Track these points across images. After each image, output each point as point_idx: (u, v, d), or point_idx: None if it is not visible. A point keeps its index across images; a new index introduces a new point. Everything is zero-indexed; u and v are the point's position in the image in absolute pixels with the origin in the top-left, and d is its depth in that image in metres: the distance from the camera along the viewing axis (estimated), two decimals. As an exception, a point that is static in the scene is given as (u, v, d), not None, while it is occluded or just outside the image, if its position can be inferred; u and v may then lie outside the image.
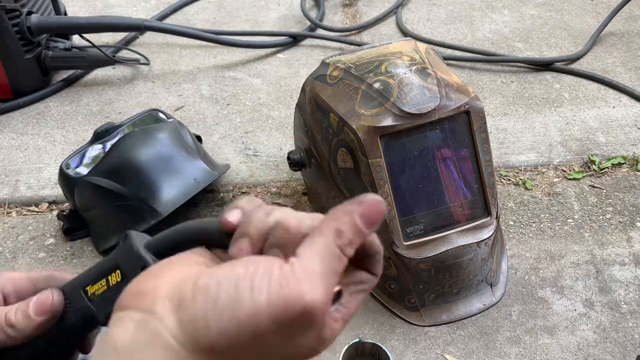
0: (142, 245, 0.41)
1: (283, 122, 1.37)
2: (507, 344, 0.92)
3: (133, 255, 0.41)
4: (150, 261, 0.40)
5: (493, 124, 1.33)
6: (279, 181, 1.22)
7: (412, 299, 0.95)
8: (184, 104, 1.44)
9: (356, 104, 0.89)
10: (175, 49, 1.64)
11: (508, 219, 1.12)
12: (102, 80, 1.53)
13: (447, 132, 0.90)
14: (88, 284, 0.43)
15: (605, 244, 1.07)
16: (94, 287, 0.43)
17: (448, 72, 0.94)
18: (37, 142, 1.34)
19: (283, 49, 1.63)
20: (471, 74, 1.51)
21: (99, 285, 0.43)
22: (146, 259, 0.40)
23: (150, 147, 1.05)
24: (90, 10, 1.83)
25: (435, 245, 0.90)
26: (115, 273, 0.42)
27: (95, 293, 0.43)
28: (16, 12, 1.36)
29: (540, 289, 1.00)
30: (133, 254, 0.41)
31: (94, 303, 0.43)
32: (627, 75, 1.47)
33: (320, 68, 0.99)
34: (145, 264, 0.40)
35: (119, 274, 0.42)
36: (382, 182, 0.88)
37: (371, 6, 1.80)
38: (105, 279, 0.42)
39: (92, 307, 0.43)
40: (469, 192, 0.92)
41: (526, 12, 1.75)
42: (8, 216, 1.17)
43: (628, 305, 0.97)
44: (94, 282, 0.43)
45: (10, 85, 1.43)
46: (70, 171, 1.07)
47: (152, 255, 0.41)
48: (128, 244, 0.42)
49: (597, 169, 1.22)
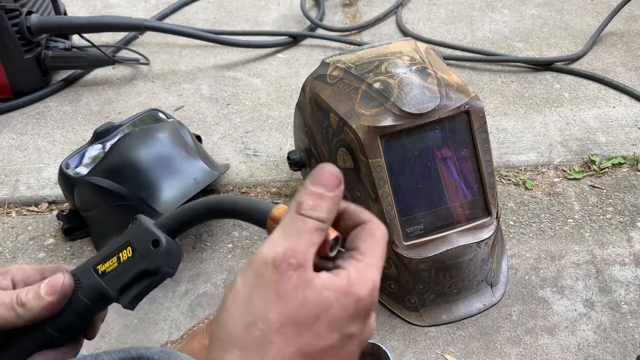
0: (152, 224, 0.44)
1: (283, 122, 1.37)
2: (507, 344, 0.92)
3: (143, 232, 0.44)
4: (160, 235, 0.43)
5: (493, 124, 1.33)
6: (279, 181, 1.22)
7: (412, 299, 0.95)
8: (184, 104, 1.44)
9: (356, 104, 0.89)
10: (175, 49, 1.64)
11: (508, 219, 1.12)
12: (102, 80, 1.53)
13: (447, 132, 0.89)
14: (99, 263, 0.45)
15: (605, 244, 1.07)
16: (105, 265, 0.44)
17: (448, 72, 0.94)
18: (37, 142, 1.34)
19: (283, 49, 1.62)
20: (471, 74, 1.51)
21: (109, 263, 0.44)
22: (156, 233, 0.43)
23: (150, 147, 1.05)
24: (90, 10, 1.83)
25: (435, 245, 0.90)
26: (126, 250, 0.44)
27: (106, 271, 0.44)
28: (16, 12, 1.36)
29: (541, 289, 1.00)
30: (143, 230, 0.44)
31: (105, 280, 0.44)
32: (627, 75, 1.47)
33: (320, 68, 0.99)
34: (156, 237, 0.43)
35: (130, 250, 0.44)
36: (382, 182, 0.87)
37: (371, 6, 1.80)
38: (116, 256, 0.44)
39: (102, 283, 0.44)
40: (469, 192, 0.92)
41: (526, 12, 1.75)
42: (8, 216, 1.17)
43: (628, 305, 0.97)
44: (105, 261, 0.45)
45: (10, 85, 1.43)
46: (70, 171, 1.07)
47: (161, 231, 0.43)
48: (138, 223, 0.44)
49: (597, 169, 1.21)
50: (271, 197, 1.18)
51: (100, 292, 0.44)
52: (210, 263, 1.06)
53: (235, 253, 1.07)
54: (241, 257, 1.06)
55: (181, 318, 0.97)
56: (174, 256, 0.44)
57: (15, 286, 0.46)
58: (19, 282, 0.47)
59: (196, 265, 1.06)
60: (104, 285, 0.44)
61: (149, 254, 0.43)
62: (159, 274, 0.44)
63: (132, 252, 0.44)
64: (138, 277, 0.44)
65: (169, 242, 0.44)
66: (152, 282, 0.44)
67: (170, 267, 0.44)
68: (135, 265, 0.44)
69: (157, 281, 0.44)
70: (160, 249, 0.43)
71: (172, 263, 0.44)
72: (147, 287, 0.44)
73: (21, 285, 0.47)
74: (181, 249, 0.46)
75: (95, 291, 0.44)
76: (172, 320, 0.97)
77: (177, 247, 0.45)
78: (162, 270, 0.43)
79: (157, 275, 0.44)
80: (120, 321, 0.96)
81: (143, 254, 0.43)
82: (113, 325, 0.96)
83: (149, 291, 0.45)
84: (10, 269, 0.47)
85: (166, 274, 0.44)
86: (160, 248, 0.43)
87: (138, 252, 0.44)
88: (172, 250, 0.44)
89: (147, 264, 0.43)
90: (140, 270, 0.44)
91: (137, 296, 0.44)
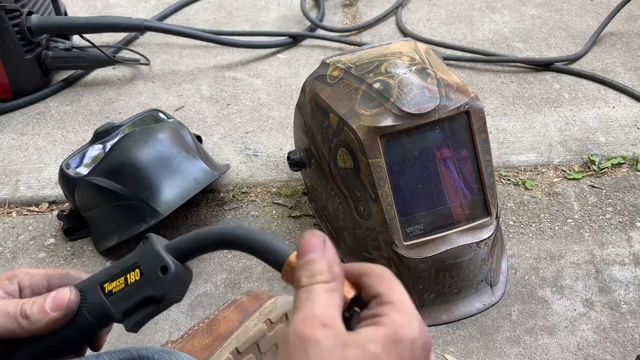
0: (162, 247, 0.43)
1: (283, 122, 1.37)
2: (507, 344, 0.92)
3: (152, 255, 0.42)
4: (169, 261, 0.42)
5: (493, 124, 1.33)
6: (279, 181, 1.22)
7: (412, 299, 0.95)
8: (184, 104, 1.44)
9: (356, 104, 0.89)
10: (176, 49, 1.64)
11: (508, 219, 1.12)
12: (102, 81, 1.53)
13: (447, 132, 0.90)
14: (106, 282, 0.44)
15: (605, 244, 1.07)
16: (112, 285, 0.44)
17: (448, 72, 0.94)
18: (37, 142, 1.34)
19: (283, 49, 1.63)
20: (471, 74, 1.51)
21: (116, 283, 0.44)
22: (166, 259, 0.42)
23: (150, 147, 1.05)
24: (90, 10, 1.83)
25: (435, 245, 0.90)
26: (134, 272, 0.43)
27: (113, 290, 0.44)
28: (16, 12, 1.36)
29: (540, 289, 1.00)
30: (153, 254, 0.43)
31: (111, 300, 0.44)
32: (627, 75, 1.47)
33: (320, 68, 0.99)
34: (165, 264, 0.42)
35: (138, 273, 0.43)
36: (382, 182, 0.88)
37: (371, 6, 1.80)
38: (123, 277, 0.43)
39: (108, 303, 0.44)
40: (468, 192, 0.92)
41: (526, 12, 1.75)
42: (8, 216, 1.17)
43: (628, 305, 0.97)
44: (112, 280, 0.44)
45: (11, 85, 1.43)
46: (71, 171, 1.07)
47: (171, 256, 0.42)
48: (148, 245, 0.43)
49: (597, 169, 1.22)
50: (271, 197, 1.19)
51: (104, 312, 0.44)
52: (211, 263, 1.06)
53: (235, 253, 1.08)
54: (241, 257, 1.06)
55: (181, 318, 0.97)
56: (181, 283, 0.44)
57: (21, 291, 0.46)
58: (26, 287, 0.46)
59: (196, 265, 1.06)
60: (109, 305, 0.44)
61: (156, 279, 0.42)
62: (165, 300, 0.43)
63: (140, 275, 0.43)
64: (144, 302, 0.43)
65: (178, 268, 0.43)
66: (158, 309, 0.43)
67: (176, 294, 0.43)
68: (141, 290, 0.43)
69: (162, 307, 0.43)
70: (169, 276, 0.42)
71: (179, 290, 0.43)
72: (151, 312, 0.44)
73: (27, 290, 0.46)
74: (190, 274, 0.44)
75: (99, 310, 0.44)
76: (172, 320, 0.97)
77: (185, 273, 0.44)
78: (168, 297, 0.43)
79: (163, 302, 0.43)
80: (120, 321, 0.96)
81: (150, 279, 0.43)
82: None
83: (154, 316, 0.44)
84: (17, 273, 0.46)
85: (172, 300, 0.43)
86: (168, 275, 0.42)
87: (146, 276, 0.43)
88: (180, 276, 0.43)
89: (154, 290, 0.42)
90: (147, 296, 0.43)
91: (141, 321, 0.44)
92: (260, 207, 1.16)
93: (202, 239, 0.42)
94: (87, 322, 0.44)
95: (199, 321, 0.95)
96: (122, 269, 0.44)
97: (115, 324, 0.46)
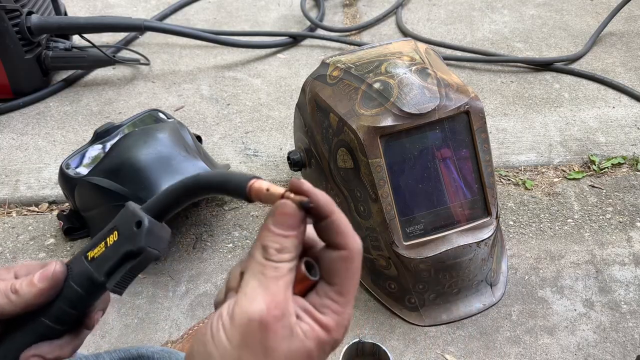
0: (138, 208, 0.44)
1: (283, 122, 1.37)
2: (507, 344, 0.92)
3: (128, 215, 0.44)
4: (143, 216, 0.43)
5: (493, 124, 1.33)
6: (279, 181, 1.22)
7: (412, 299, 0.95)
8: (184, 104, 1.44)
9: (356, 104, 0.89)
10: (175, 49, 1.64)
11: (508, 219, 1.12)
12: (102, 81, 1.53)
13: (447, 132, 0.90)
14: (89, 250, 0.45)
15: (605, 244, 1.07)
16: (94, 252, 0.45)
17: (448, 72, 0.94)
18: (37, 142, 1.34)
19: (283, 49, 1.63)
20: (471, 74, 1.51)
21: (98, 249, 0.45)
22: (140, 214, 0.43)
23: (150, 147, 1.05)
24: (90, 10, 1.83)
25: (435, 245, 0.90)
26: (113, 234, 0.44)
27: (95, 257, 0.45)
28: (16, 12, 1.36)
29: (540, 289, 1.00)
30: (129, 214, 0.44)
31: (93, 265, 0.45)
32: (627, 75, 1.47)
33: (320, 68, 0.99)
34: (139, 219, 0.43)
35: (116, 234, 0.44)
36: (382, 182, 0.88)
37: (371, 6, 1.80)
38: (103, 241, 0.45)
39: (90, 268, 0.44)
40: (468, 192, 0.92)
41: (526, 12, 1.75)
42: (8, 216, 1.17)
43: (628, 305, 0.97)
44: (94, 247, 0.45)
45: (11, 85, 1.43)
46: (71, 171, 1.07)
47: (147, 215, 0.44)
48: (125, 209, 0.45)
49: (597, 169, 1.22)
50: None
51: (88, 278, 0.45)
52: (211, 263, 1.06)
53: (235, 253, 1.08)
54: (241, 256, 1.06)
55: (181, 318, 0.97)
56: (157, 237, 0.44)
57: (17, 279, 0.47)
58: (21, 275, 0.47)
59: (196, 265, 1.06)
60: (91, 270, 0.44)
61: (132, 235, 0.43)
62: (143, 254, 0.43)
63: (118, 235, 0.44)
64: (123, 260, 0.44)
65: (152, 222, 0.44)
66: (137, 264, 0.44)
67: (154, 249, 0.44)
68: (120, 248, 0.44)
69: (141, 263, 0.44)
70: (143, 229, 0.43)
71: (156, 244, 0.44)
72: (132, 268, 0.44)
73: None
74: (167, 231, 0.45)
75: (83, 277, 0.45)
76: (172, 320, 0.97)
77: (162, 229, 0.45)
78: (145, 250, 0.43)
79: (141, 256, 0.43)
80: (120, 321, 0.96)
81: (127, 235, 0.44)
82: (113, 324, 0.96)
83: (136, 273, 0.44)
84: (15, 266, 0.48)
85: (150, 255, 0.44)
86: (142, 228, 0.43)
87: (122, 235, 0.44)
88: (155, 230, 0.44)
89: (131, 245, 0.43)
90: (125, 252, 0.44)
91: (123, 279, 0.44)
92: (260, 207, 1.16)
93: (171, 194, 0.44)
94: (74, 293, 0.45)
95: (199, 321, 0.95)
96: (103, 234, 0.45)
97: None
